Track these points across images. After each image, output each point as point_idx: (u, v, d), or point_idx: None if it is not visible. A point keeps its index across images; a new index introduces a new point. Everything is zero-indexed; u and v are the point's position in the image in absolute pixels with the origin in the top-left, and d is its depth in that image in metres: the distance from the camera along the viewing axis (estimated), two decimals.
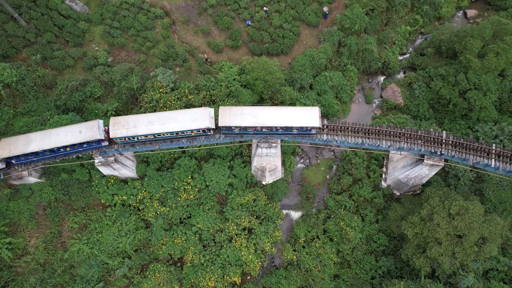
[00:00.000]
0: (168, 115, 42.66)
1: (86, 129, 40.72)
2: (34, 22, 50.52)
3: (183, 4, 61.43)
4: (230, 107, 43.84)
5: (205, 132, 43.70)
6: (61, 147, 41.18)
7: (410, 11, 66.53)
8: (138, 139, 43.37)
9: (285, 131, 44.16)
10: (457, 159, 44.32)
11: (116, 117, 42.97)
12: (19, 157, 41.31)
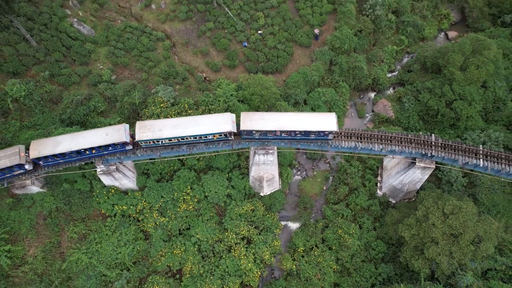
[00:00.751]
0: (191, 120, 44.38)
1: (113, 132, 42.46)
2: (44, 43, 53.91)
3: (183, 28, 65.68)
4: (252, 112, 45.56)
5: (226, 136, 44.75)
6: (87, 149, 42.53)
7: (395, 33, 71.22)
8: (162, 143, 44.49)
9: (303, 136, 45.10)
10: (447, 161, 46.01)
11: (142, 121, 44.69)
12: (47, 158, 42.37)
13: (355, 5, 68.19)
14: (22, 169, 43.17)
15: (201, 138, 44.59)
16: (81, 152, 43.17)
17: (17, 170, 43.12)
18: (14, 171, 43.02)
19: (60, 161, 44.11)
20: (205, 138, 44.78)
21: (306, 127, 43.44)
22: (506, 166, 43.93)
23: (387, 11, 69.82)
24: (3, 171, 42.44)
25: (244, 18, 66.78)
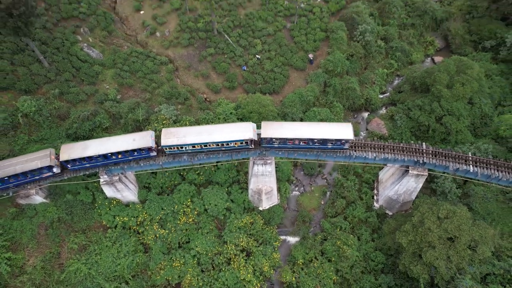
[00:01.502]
0: (215, 128, 46.68)
1: (140, 138, 44.59)
2: (56, 64, 57.49)
3: (185, 53, 70.00)
4: (272, 122, 48.01)
5: (247, 144, 46.35)
6: (114, 153, 44.35)
7: (385, 57, 75.79)
8: (185, 149, 46.13)
9: (320, 145, 46.47)
10: (439, 168, 47.73)
11: (168, 128, 46.93)
12: (75, 161, 44.11)
13: (346, 32, 73.21)
14: (50, 171, 44.85)
15: (223, 145, 46.07)
16: (107, 156, 44.82)
17: (46, 173, 44.74)
18: (43, 173, 44.69)
19: (86, 165, 45.78)
20: (226, 146, 46.23)
21: (324, 135, 44.93)
22: (495, 171, 45.64)
23: (376, 37, 74.92)
24: (33, 172, 44.07)
25: (242, 44, 71.41)
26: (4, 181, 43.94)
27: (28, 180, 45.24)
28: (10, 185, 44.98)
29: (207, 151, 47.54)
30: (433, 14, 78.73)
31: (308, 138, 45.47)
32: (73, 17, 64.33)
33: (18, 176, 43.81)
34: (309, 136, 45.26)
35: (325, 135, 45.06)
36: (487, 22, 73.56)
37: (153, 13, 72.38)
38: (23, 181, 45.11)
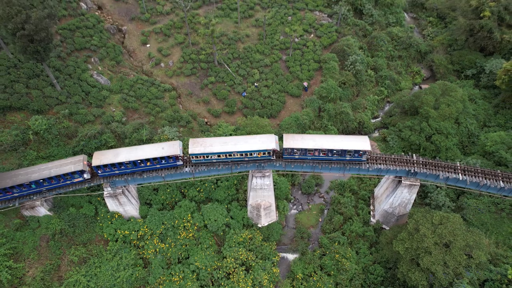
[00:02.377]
0: (239, 138, 49.32)
1: (168, 147, 47.20)
2: (67, 88, 61.44)
3: (187, 81, 74.70)
4: (293, 134, 50.80)
5: (269, 155, 48.39)
6: (143, 161, 46.67)
7: (375, 85, 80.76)
8: (210, 158, 48.13)
9: (339, 157, 48.18)
10: (430, 177, 49.75)
11: (195, 138, 49.70)
12: (106, 167, 46.44)
13: (338, 62, 78.69)
14: (82, 176, 47.03)
15: (247, 155, 48.15)
16: (137, 163, 47.05)
17: (77, 177, 46.92)
18: (75, 178, 46.77)
19: (116, 172, 47.86)
20: (250, 156, 48.32)
21: (342, 146, 46.93)
22: (483, 179, 47.73)
23: (366, 67, 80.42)
24: (66, 176, 46.14)
25: (241, 74, 76.46)
26: (39, 184, 46.08)
27: (61, 184, 47.24)
28: (43, 188, 47.06)
29: (231, 161, 49.45)
30: (418, 47, 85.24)
31: (328, 149, 47.26)
32: (85, 49, 69.63)
33: (52, 179, 45.95)
34: (329, 147, 47.17)
35: (344, 146, 47.03)
36: (466, 53, 79.59)
37: (159, 46, 78.23)
38: (56, 185, 47.17)
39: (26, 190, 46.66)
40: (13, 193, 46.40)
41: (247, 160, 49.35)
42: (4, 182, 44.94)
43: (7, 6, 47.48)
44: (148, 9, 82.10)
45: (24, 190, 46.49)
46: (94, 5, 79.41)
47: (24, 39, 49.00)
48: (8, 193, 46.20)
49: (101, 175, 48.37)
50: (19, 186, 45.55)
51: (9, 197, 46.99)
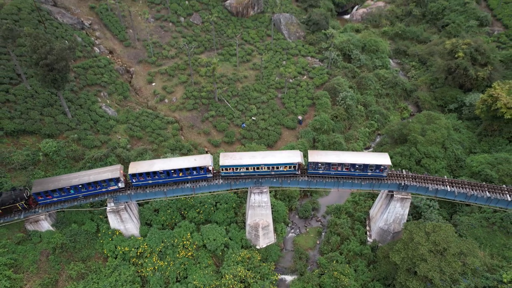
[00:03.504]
0: (267, 153, 53.38)
1: (200, 159, 50.98)
2: (77, 116, 65.84)
3: (189, 115, 79.68)
4: (318, 150, 54.46)
5: (295, 169, 51.09)
6: (176, 171, 49.84)
7: (366, 119, 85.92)
8: (239, 171, 50.86)
9: (361, 172, 50.62)
10: (421, 190, 52.10)
11: (225, 152, 53.87)
12: (141, 176, 49.35)
13: (330, 99, 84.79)
14: (117, 184, 49.93)
15: (274, 168, 50.89)
16: (170, 173, 49.93)
17: (113, 185, 49.83)
18: (111, 185, 49.73)
19: (149, 182, 50.46)
20: (276, 170, 51.03)
21: (364, 161, 49.78)
22: (470, 190, 50.19)
23: (356, 103, 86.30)
24: (103, 183, 49.01)
25: (240, 108, 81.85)
26: (77, 189, 48.74)
27: (97, 191, 49.97)
28: (80, 194, 49.61)
29: (258, 175, 51.98)
30: (403, 86, 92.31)
31: (350, 163, 50.02)
32: (96, 84, 75.50)
33: (90, 185, 48.71)
34: (352, 162, 50.00)
35: (366, 161, 49.93)
36: (448, 90, 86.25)
37: (163, 84, 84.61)
38: (92, 191, 49.87)
39: (64, 195, 49.15)
40: (52, 197, 48.87)
41: (273, 175, 51.90)
42: (46, 186, 47.83)
43: (34, 40, 53.61)
44: (155, 54, 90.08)
45: (63, 195, 48.97)
46: (106, 49, 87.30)
47: (45, 68, 54.42)
48: (48, 196, 48.62)
49: (134, 185, 50.97)
50: (60, 190, 48.13)
51: (48, 201, 49.25)
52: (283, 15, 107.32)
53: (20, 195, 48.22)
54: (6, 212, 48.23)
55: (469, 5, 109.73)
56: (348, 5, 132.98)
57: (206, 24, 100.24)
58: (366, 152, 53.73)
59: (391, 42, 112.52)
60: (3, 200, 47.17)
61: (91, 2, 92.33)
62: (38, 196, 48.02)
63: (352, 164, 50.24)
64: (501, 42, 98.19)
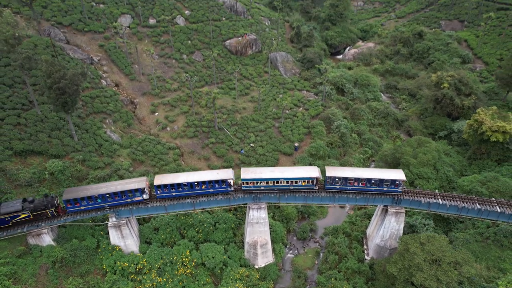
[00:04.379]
0: (286, 168, 56.67)
1: (223, 173, 54.14)
2: (83, 140, 68.78)
3: (190, 142, 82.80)
4: (334, 166, 57.97)
5: (313, 183, 53.29)
6: (200, 182, 52.42)
7: (360, 146, 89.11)
8: (259, 185, 53.29)
9: (377, 187, 52.52)
10: (414, 204, 53.72)
11: (246, 167, 57.17)
12: (166, 188, 51.87)
13: (325, 127, 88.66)
14: (141, 196, 52.12)
15: (292, 183, 53.18)
16: (193, 185, 52.36)
17: (138, 196, 51.99)
18: (136, 196, 51.87)
19: (173, 194, 52.60)
20: (295, 184, 53.27)
21: (380, 176, 52.16)
22: (460, 202, 51.98)
23: (350, 132, 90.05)
24: (129, 193, 51.30)
25: (239, 136, 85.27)
26: (104, 199, 50.94)
27: (122, 201, 51.90)
28: (106, 204, 51.62)
29: (277, 190, 54.19)
30: (395, 116, 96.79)
31: (366, 178, 52.20)
32: (102, 112, 79.37)
33: (116, 195, 50.91)
34: (368, 176, 52.31)
35: (381, 176, 52.28)
36: (437, 118, 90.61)
37: (166, 114, 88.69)
38: (118, 201, 51.81)
39: (92, 204, 51.16)
40: (80, 205, 50.73)
41: (292, 189, 54.10)
42: (76, 194, 50.27)
43: (50, 66, 58.14)
44: (158, 86, 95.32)
45: (91, 203, 51.02)
46: (112, 82, 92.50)
47: (58, 92, 58.36)
48: (77, 204, 50.53)
49: (158, 197, 53.05)
50: (88, 198, 50.37)
51: (76, 209, 51.16)
52: (279, 54, 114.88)
53: (51, 202, 50.37)
54: (37, 218, 50.03)
55: (451, 45, 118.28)
56: (341, 46, 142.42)
57: (207, 60, 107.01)
58: (380, 169, 56.34)
59: (382, 78, 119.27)
60: (35, 206, 49.28)
61: (101, 41, 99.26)
62: (68, 203, 50.22)
63: (369, 179, 52.31)
64: (483, 77, 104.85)
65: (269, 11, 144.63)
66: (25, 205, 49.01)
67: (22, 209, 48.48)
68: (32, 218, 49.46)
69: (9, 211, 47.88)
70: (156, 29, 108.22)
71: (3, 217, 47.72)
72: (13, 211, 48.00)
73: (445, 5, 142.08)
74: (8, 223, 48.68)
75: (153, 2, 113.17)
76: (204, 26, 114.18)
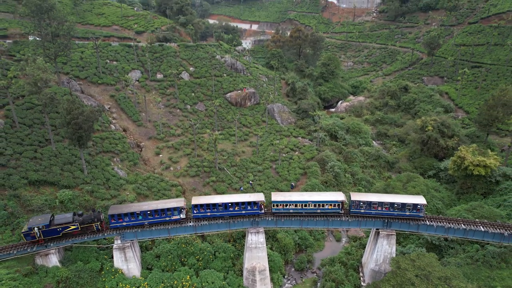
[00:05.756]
0: (313, 193, 63.39)
1: (254, 196, 59.16)
2: (92, 174, 73.37)
3: (192, 181, 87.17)
4: (359, 192, 62.35)
5: (339, 207, 56.78)
6: (232, 204, 56.91)
7: (354, 186, 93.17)
8: (288, 208, 57.11)
9: (400, 211, 55.46)
10: (403, 226, 56.77)
11: (277, 192, 61.02)
12: (202, 208, 56.68)
13: (319, 168, 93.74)
14: (179, 215, 56.84)
15: (319, 206, 56.93)
16: (227, 206, 56.65)
17: (176, 215, 56.68)
18: (174, 215, 56.56)
19: (208, 214, 56.95)
20: (322, 208, 56.98)
21: (403, 201, 55.41)
22: (446, 223, 55.24)
23: (344, 172, 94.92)
24: (168, 212, 56.23)
25: (238, 176, 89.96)
26: (145, 216, 55.41)
27: (161, 219, 56.27)
28: (146, 221, 56.01)
29: (305, 213, 57.71)
30: (386, 158, 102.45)
31: (390, 202, 55.67)
32: (111, 151, 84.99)
33: (157, 212, 55.51)
34: (391, 201, 55.96)
35: (404, 200, 55.95)
36: (425, 159, 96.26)
37: (169, 156, 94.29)
38: (157, 219, 56.14)
39: (133, 220, 55.44)
40: (123, 221, 55.05)
41: (320, 213, 57.64)
42: (120, 210, 55.50)
43: (71, 104, 65.33)
44: (163, 132, 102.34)
45: (133, 219, 55.36)
46: (120, 128, 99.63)
47: (75, 127, 64.71)
48: (120, 219, 55.00)
49: (194, 217, 57.35)
50: (131, 214, 55.05)
51: (118, 225, 55.22)
52: (276, 105, 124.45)
53: (97, 216, 54.73)
54: (83, 231, 54.29)
55: (434, 97, 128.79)
56: (333, 100, 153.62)
57: (209, 110, 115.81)
58: (402, 195, 60.07)
59: (373, 127, 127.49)
60: (83, 219, 53.88)
61: (112, 92, 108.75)
62: (112, 218, 54.70)
63: (391, 203, 55.73)
64: (465, 123, 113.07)
65: (267, 70, 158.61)
66: (75, 218, 53.69)
67: (73, 221, 53.03)
68: (79, 231, 53.85)
69: (61, 223, 52.62)
70: (163, 82, 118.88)
71: (55, 227, 52.46)
72: (65, 223, 52.69)
73: (425, 64, 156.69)
74: (59, 234, 53.00)
75: (161, 60, 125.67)
76: (207, 81, 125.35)
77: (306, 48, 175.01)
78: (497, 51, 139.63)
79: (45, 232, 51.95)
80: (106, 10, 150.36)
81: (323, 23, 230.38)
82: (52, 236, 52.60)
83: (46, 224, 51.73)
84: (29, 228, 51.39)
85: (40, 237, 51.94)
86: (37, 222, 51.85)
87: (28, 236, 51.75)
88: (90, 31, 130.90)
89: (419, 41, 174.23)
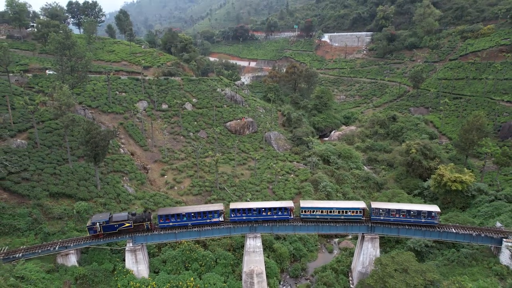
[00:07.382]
0: (337, 201, 71.66)
1: (285, 202, 65.61)
2: (105, 189, 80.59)
3: (194, 198, 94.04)
4: (380, 202, 68.16)
5: (360, 214, 62.63)
6: (266, 209, 63.64)
7: None
8: (315, 214, 63.61)
9: (415, 218, 61.20)
10: (386, 231, 63.50)
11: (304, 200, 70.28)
12: (239, 211, 63.80)
13: (313, 188, 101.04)
14: (218, 218, 63.69)
15: (343, 212, 62.92)
16: (260, 211, 63.21)
17: (215, 218, 63.51)
18: (214, 217, 63.40)
19: (243, 217, 63.99)
20: (345, 214, 63.00)
21: (418, 208, 62.17)
22: (423, 227, 62.13)
23: (336, 192, 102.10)
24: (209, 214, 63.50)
25: (237, 195, 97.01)
26: (189, 217, 62.46)
27: (202, 221, 63.05)
28: (189, 222, 62.81)
29: (330, 219, 63.61)
30: (375, 180, 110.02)
31: (407, 210, 62.29)
32: (120, 171, 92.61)
33: (199, 214, 62.64)
34: (408, 208, 62.32)
35: (419, 208, 62.30)
36: (411, 180, 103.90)
37: (173, 177, 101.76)
38: (200, 221, 62.99)
39: (179, 221, 62.39)
40: (170, 221, 62.29)
41: (343, 219, 63.90)
42: (167, 211, 63.54)
43: (90, 125, 74.17)
44: (168, 156, 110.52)
45: (178, 220, 62.35)
46: (128, 152, 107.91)
47: (93, 144, 73.06)
48: (167, 220, 62.08)
49: (231, 220, 64.08)
50: (177, 215, 62.30)
51: (165, 225, 62.30)
52: (273, 133, 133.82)
53: (148, 216, 62.00)
54: (136, 229, 61.34)
55: (420, 125, 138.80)
56: (327, 129, 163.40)
57: (210, 137, 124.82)
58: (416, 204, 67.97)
59: (364, 153, 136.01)
60: (136, 218, 61.19)
61: (121, 120, 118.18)
62: (160, 219, 62.19)
63: (408, 210, 62.25)
64: (448, 148, 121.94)
65: (264, 102, 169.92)
66: (129, 217, 60.96)
67: (127, 220, 60.34)
68: (132, 229, 60.70)
69: (118, 220, 60.21)
70: (167, 112, 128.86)
71: (113, 223, 60.02)
72: (121, 220, 60.19)
73: (412, 96, 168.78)
74: (115, 230, 60.35)
75: (166, 92, 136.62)
76: (208, 111, 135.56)
77: (301, 83, 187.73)
78: (475, 84, 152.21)
79: (105, 227, 59.24)
80: (116, 48, 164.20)
81: (317, 60, 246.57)
82: (110, 231, 59.79)
83: (106, 220, 59.16)
84: (92, 223, 58.87)
85: (101, 232, 59.32)
86: (99, 218, 59.65)
87: (91, 230, 59.13)
88: (102, 66, 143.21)
89: (405, 76, 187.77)
